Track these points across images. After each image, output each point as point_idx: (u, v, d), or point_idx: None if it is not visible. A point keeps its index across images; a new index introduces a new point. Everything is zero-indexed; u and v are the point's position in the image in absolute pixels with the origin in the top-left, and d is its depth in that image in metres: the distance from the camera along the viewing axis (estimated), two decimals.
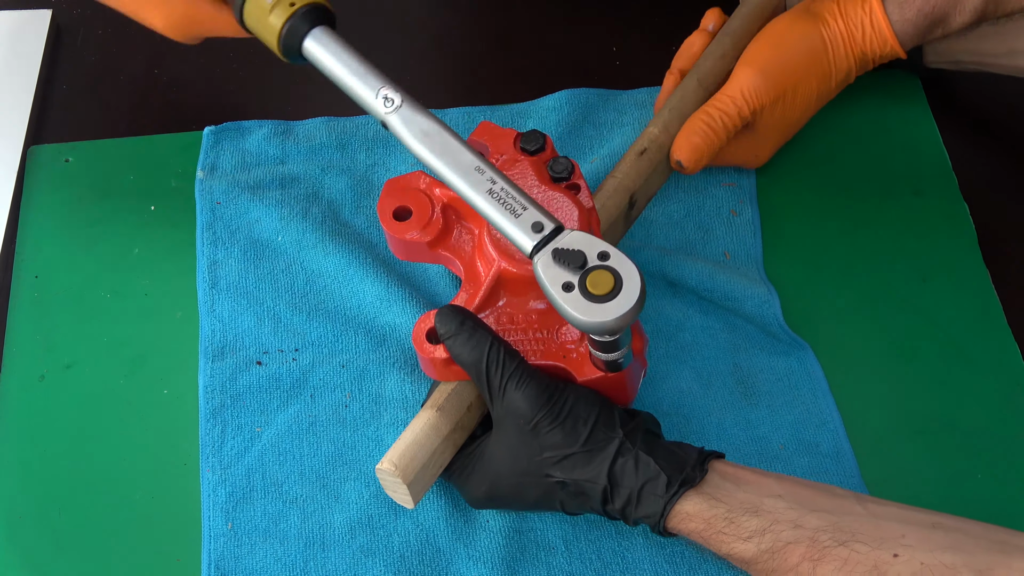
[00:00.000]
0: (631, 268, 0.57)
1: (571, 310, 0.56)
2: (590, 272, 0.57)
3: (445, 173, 0.62)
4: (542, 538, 0.68)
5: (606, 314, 0.56)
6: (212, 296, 0.77)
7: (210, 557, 0.67)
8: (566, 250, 0.57)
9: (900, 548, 0.56)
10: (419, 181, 0.69)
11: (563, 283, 0.57)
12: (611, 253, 0.58)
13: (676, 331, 0.77)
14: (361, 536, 0.68)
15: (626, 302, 0.56)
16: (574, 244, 0.58)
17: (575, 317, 0.56)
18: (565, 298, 0.56)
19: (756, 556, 0.59)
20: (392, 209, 0.69)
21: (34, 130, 0.87)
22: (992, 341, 0.78)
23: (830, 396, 0.74)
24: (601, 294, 0.56)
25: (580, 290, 0.56)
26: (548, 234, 0.59)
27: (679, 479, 0.61)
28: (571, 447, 0.62)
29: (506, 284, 0.66)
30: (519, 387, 0.62)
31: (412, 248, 0.69)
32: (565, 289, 0.57)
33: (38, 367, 0.75)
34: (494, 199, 0.60)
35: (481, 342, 0.63)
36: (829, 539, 0.58)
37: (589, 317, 0.56)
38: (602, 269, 0.56)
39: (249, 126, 0.86)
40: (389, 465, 0.63)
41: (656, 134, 0.77)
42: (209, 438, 0.72)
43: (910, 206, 0.84)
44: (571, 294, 0.56)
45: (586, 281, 0.56)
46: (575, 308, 0.56)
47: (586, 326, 0.57)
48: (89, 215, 0.82)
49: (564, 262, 0.57)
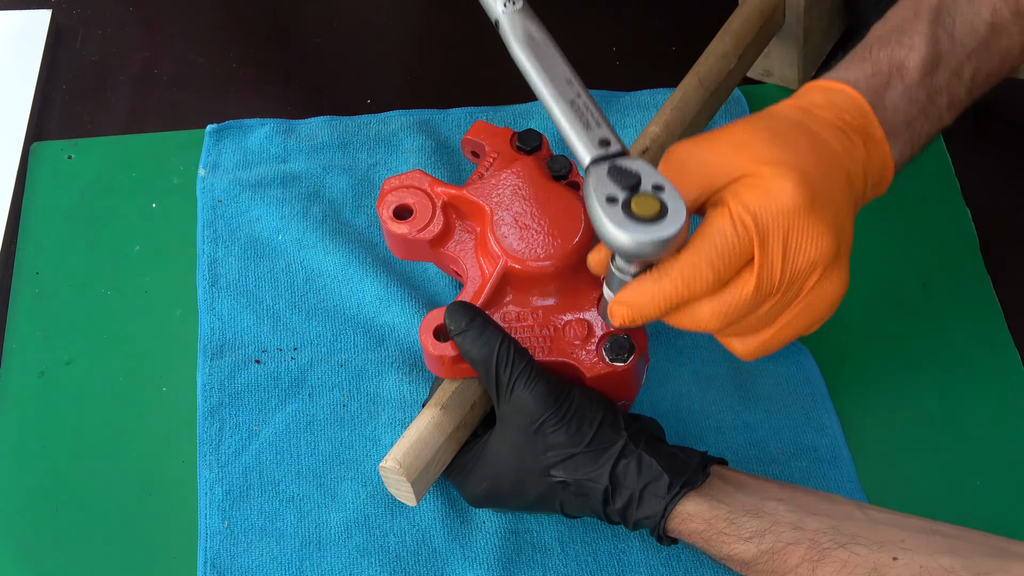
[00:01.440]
0: (681, 207, 0.54)
1: (607, 220, 0.54)
2: (639, 195, 0.55)
3: (536, 77, 0.60)
4: (538, 539, 0.68)
5: (638, 233, 0.54)
6: (212, 294, 0.77)
7: (206, 555, 0.68)
8: (624, 168, 0.56)
9: (899, 551, 0.56)
10: (419, 180, 0.69)
11: (608, 195, 0.55)
12: (666, 187, 0.55)
13: (675, 334, 0.76)
14: (357, 536, 0.68)
15: (662, 231, 0.54)
16: (633, 166, 0.56)
17: (607, 228, 0.54)
18: (605, 208, 0.54)
19: (756, 557, 0.59)
20: (392, 207, 0.69)
21: (34, 130, 0.87)
22: (993, 347, 0.77)
23: (829, 401, 0.74)
24: (643, 215, 0.54)
25: (623, 206, 0.55)
26: (612, 152, 0.57)
27: (681, 480, 0.61)
28: (575, 447, 0.62)
29: (512, 281, 0.66)
30: (528, 386, 0.62)
31: (413, 247, 0.69)
32: (608, 201, 0.55)
33: (38, 363, 0.75)
34: (573, 109, 0.59)
35: (491, 339, 0.63)
36: (829, 541, 0.58)
37: (622, 231, 0.54)
38: (652, 197, 0.55)
39: (251, 124, 0.86)
40: (393, 463, 0.63)
41: (657, 133, 0.77)
42: (207, 436, 0.72)
43: (911, 210, 0.84)
44: (612, 207, 0.55)
45: (632, 201, 0.55)
46: (611, 219, 0.54)
47: (614, 239, 0.55)
48: (90, 212, 0.82)
49: (618, 179, 0.56)
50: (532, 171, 0.68)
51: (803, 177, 0.55)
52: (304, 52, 0.93)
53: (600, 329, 0.65)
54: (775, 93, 0.89)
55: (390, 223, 0.68)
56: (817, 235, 0.55)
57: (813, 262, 0.56)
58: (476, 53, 0.93)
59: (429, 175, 0.70)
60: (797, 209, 0.55)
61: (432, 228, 0.68)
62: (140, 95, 0.90)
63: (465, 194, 0.68)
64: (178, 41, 0.93)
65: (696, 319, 0.57)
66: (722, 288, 0.56)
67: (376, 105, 0.89)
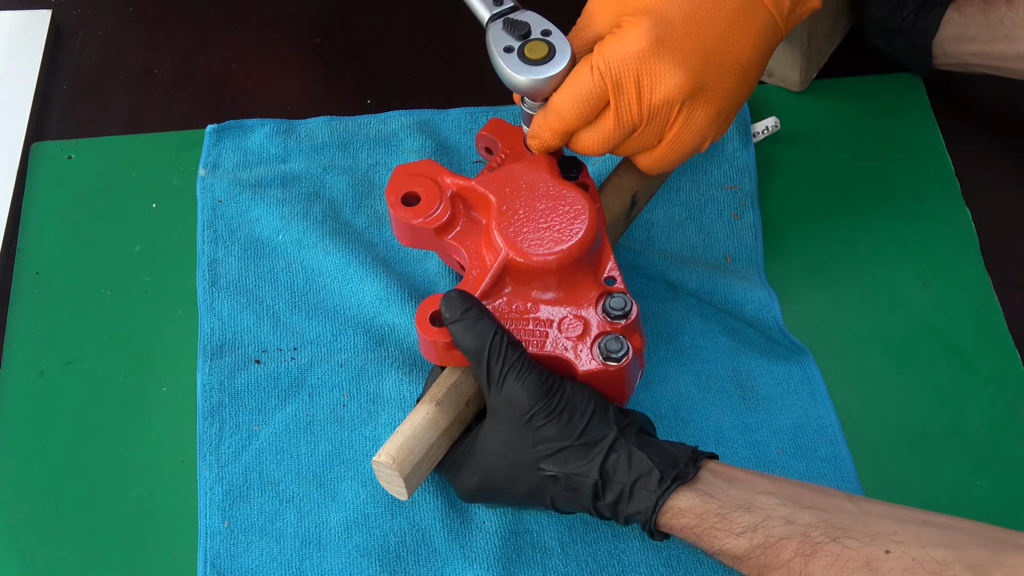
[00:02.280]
0: (566, 46, 0.66)
1: (506, 68, 0.66)
2: (530, 41, 0.66)
3: None
4: (538, 540, 0.68)
5: (531, 74, 0.65)
6: (212, 294, 0.77)
7: (206, 555, 0.68)
8: (515, 20, 0.67)
9: (892, 544, 0.56)
10: (429, 168, 0.70)
11: (505, 46, 0.66)
12: (553, 31, 0.66)
13: (675, 334, 0.77)
14: (357, 535, 0.68)
15: (549, 70, 0.65)
16: (523, 17, 0.67)
17: (508, 74, 0.66)
18: (504, 58, 0.66)
19: (748, 551, 0.59)
20: (401, 194, 0.69)
21: (34, 129, 0.87)
22: (993, 347, 0.77)
23: (829, 401, 0.74)
24: (534, 58, 0.65)
25: (518, 53, 0.66)
26: (505, 8, 0.68)
27: (672, 475, 0.61)
28: (565, 441, 0.62)
29: (512, 273, 0.66)
30: (519, 378, 0.62)
31: (418, 234, 0.70)
32: (506, 51, 0.66)
33: (38, 363, 0.75)
34: None
35: (485, 330, 0.63)
36: (821, 535, 0.58)
37: (517, 74, 0.65)
38: (540, 41, 0.66)
39: (251, 124, 0.86)
40: (387, 458, 0.63)
41: None
42: (207, 436, 0.72)
43: (912, 210, 0.84)
44: (509, 55, 0.66)
45: (524, 48, 0.66)
46: (510, 66, 0.66)
47: (512, 81, 0.66)
48: (90, 212, 0.82)
49: (511, 30, 0.67)
50: (542, 168, 0.69)
51: (657, 23, 0.65)
52: (304, 52, 0.93)
53: (596, 328, 0.65)
54: (776, 94, 0.89)
55: (397, 209, 0.69)
56: (666, 75, 0.65)
57: (668, 99, 0.65)
58: (479, 53, 0.92)
59: (440, 165, 0.70)
60: (643, 54, 0.64)
61: (438, 216, 0.68)
62: (140, 94, 0.90)
63: (473, 185, 0.68)
64: (178, 41, 0.93)
65: (583, 145, 0.68)
66: (594, 121, 0.67)
67: (376, 105, 0.89)
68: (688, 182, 0.84)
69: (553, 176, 0.69)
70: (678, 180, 0.84)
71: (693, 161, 0.84)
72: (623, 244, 0.80)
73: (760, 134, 0.85)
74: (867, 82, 0.82)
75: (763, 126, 0.85)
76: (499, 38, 0.67)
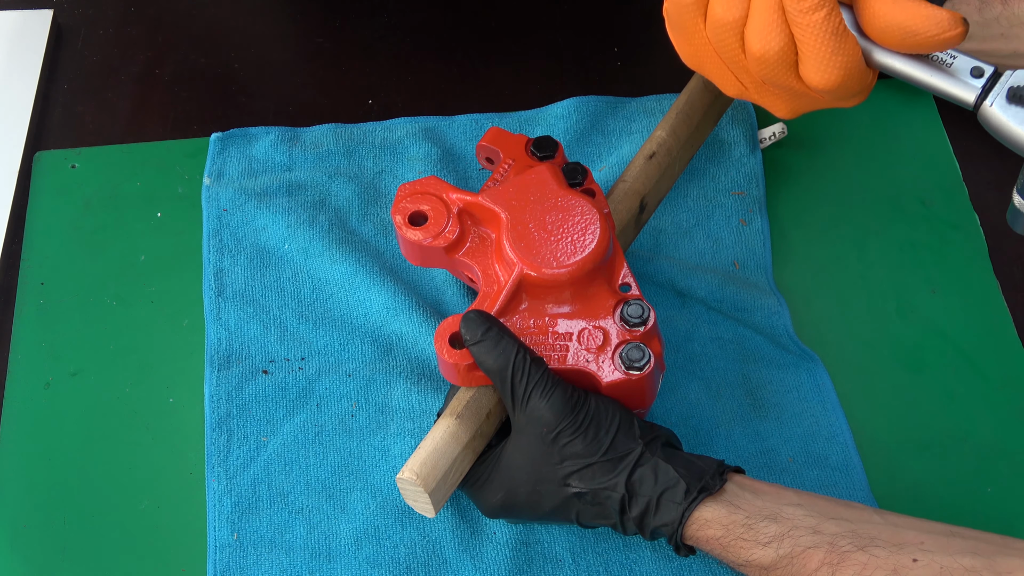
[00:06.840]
0: None
1: None
2: None
3: None
4: (549, 550, 0.68)
5: None
6: (218, 304, 0.77)
7: (215, 568, 0.67)
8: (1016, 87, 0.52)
9: (919, 553, 0.56)
10: (434, 186, 0.69)
11: None
12: None
13: (685, 342, 0.76)
14: (367, 547, 0.68)
15: None
16: None
17: None
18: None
19: (775, 562, 0.59)
20: (407, 214, 0.68)
21: (35, 131, 0.86)
22: (1002, 353, 0.77)
23: (839, 408, 0.74)
24: None
25: None
26: (990, 76, 0.53)
27: (698, 486, 0.60)
28: (592, 457, 0.62)
29: (527, 288, 0.65)
30: (544, 395, 0.62)
31: (428, 254, 0.69)
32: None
33: (43, 374, 0.75)
34: (924, 60, 0.55)
35: (507, 349, 0.63)
36: (848, 544, 0.58)
37: None
38: None
39: (256, 132, 0.85)
40: (410, 474, 0.62)
41: (664, 137, 0.77)
42: (215, 447, 0.71)
43: (920, 216, 0.84)
44: None
45: None
46: None
47: None
48: (95, 221, 0.82)
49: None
50: (547, 178, 0.68)
51: None
52: (304, 52, 0.93)
53: (616, 338, 0.65)
54: None
55: (405, 230, 0.68)
56: None
57: None
58: (483, 59, 0.92)
59: (444, 181, 0.69)
60: None
61: (447, 235, 0.68)
62: (142, 95, 0.89)
63: (480, 200, 0.68)
64: (180, 40, 0.93)
65: None
66: None
67: (378, 104, 0.89)
68: (696, 188, 0.84)
69: (560, 186, 0.68)
70: (686, 186, 0.83)
71: (700, 167, 0.84)
72: (631, 252, 0.79)
73: (767, 140, 0.85)
74: (873, 87, 0.82)
75: (770, 132, 0.85)
76: (1021, 119, 0.52)
